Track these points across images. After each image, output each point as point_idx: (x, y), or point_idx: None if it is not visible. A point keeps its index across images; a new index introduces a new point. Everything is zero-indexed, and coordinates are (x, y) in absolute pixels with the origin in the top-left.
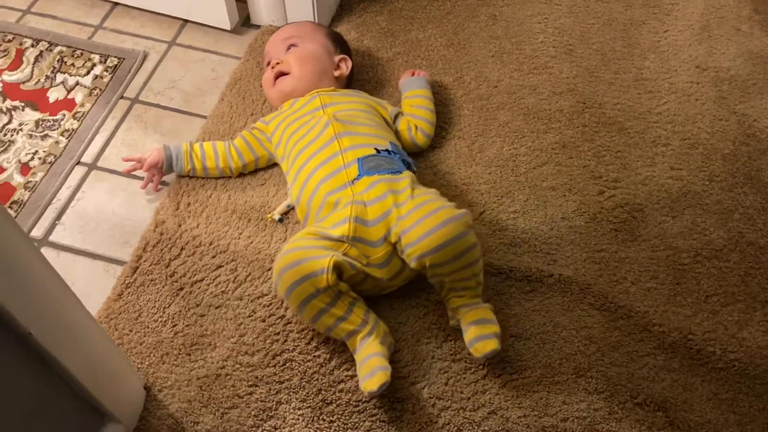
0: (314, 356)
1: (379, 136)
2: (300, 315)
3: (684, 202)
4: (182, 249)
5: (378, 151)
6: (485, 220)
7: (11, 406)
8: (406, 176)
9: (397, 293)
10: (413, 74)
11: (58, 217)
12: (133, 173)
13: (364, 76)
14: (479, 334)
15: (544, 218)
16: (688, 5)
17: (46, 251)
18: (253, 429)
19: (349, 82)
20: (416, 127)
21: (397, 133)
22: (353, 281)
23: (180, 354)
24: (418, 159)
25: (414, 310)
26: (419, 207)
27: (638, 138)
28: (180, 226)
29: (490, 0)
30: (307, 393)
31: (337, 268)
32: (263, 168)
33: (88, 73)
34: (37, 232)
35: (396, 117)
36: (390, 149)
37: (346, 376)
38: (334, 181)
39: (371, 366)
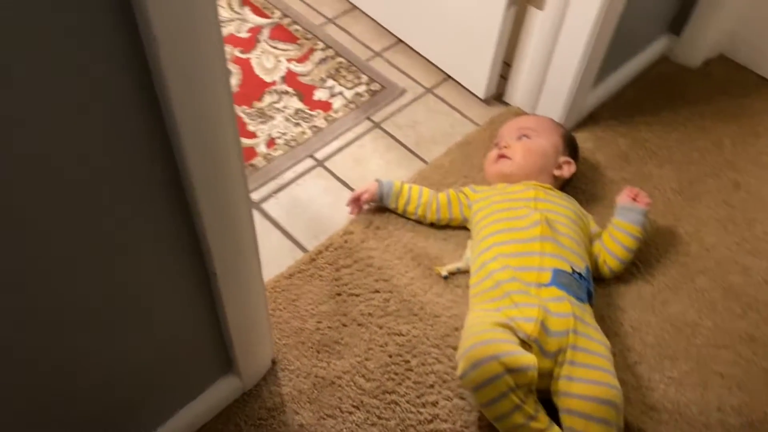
0: (418, 411)
1: (579, 255)
2: (490, 408)
3: None
4: (355, 262)
5: (573, 271)
6: (637, 372)
7: (167, 327)
8: (587, 308)
9: None
10: (635, 197)
11: (276, 191)
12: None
13: (581, 186)
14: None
15: (699, 400)
16: None
17: (255, 214)
18: None
19: (565, 185)
20: (605, 261)
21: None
22: None
23: (312, 348)
24: (597, 282)
25: None
26: (588, 366)
27: None
28: (363, 242)
29: (741, 167)
30: None
31: None
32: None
33: (352, 88)
34: (255, 196)
35: (594, 237)
36: (583, 274)
37: None
38: (523, 275)
39: None
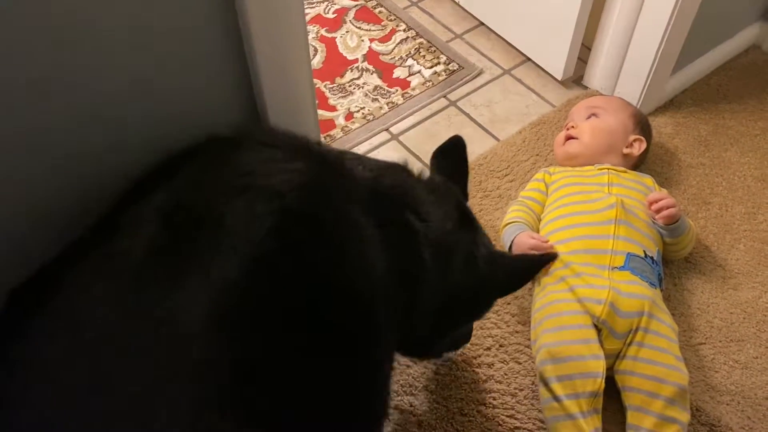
0: (473, 371)
1: (651, 239)
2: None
3: None
4: None
5: (645, 255)
6: (701, 353)
7: None
8: (657, 293)
9: None
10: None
11: None
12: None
13: (656, 169)
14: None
15: (765, 385)
16: None
17: None
18: (394, 393)
19: (639, 164)
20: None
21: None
22: None
23: None
24: (667, 263)
25: None
26: (655, 348)
27: None
28: None
29: None
30: (452, 395)
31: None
32: None
33: (431, 67)
34: None
35: None
36: (655, 258)
37: (490, 402)
38: (594, 258)
39: None
